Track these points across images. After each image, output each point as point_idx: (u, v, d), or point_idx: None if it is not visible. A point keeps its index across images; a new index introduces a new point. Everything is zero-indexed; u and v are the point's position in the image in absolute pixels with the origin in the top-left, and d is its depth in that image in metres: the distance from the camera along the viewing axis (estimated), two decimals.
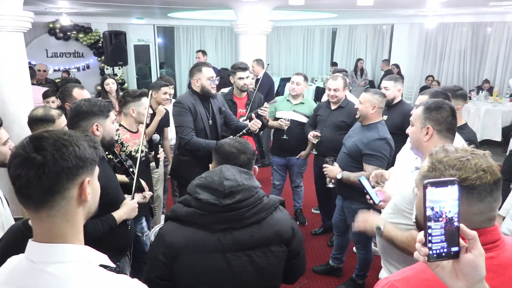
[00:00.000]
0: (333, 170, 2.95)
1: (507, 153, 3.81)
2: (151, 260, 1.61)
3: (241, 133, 3.25)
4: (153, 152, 3.18)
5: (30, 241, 0.93)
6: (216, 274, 1.53)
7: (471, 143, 2.43)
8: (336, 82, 3.60)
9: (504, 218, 2.57)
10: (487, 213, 1.04)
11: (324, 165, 3.02)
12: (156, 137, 3.19)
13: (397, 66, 9.25)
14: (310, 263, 3.70)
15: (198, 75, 3.12)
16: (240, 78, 3.78)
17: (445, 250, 0.86)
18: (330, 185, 3.10)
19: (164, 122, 3.88)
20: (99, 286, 0.90)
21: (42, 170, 0.87)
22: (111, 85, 4.61)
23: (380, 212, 2.10)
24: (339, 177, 2.90)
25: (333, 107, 3.70)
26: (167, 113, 3.89)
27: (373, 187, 2.28)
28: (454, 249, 0.86)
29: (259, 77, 5.38)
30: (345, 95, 3.72)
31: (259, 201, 1.55)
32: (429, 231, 0.85)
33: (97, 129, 2.02)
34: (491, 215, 1.06)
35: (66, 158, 0.89)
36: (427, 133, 1.80)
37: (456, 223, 0.86)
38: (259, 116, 3.54)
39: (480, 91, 8.16)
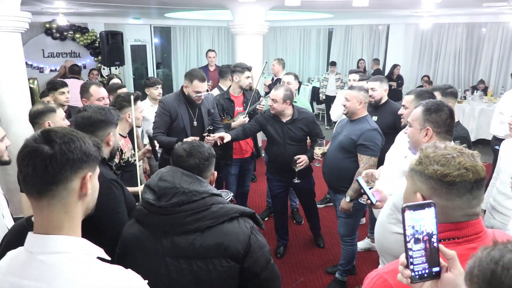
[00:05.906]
0: (343, 203, 2.98)
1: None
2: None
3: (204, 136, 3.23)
4: (150, 147, 3.08)
5: (29, 233, 0.97)
6: (155, 278, 1.46)
7: (463, 139, 2.48)
8: (276, 92, 3.22)
9: (484, 211, 2.64)
10: (465, 209, 1.08)
11: (316, 152, 3.25)
12: (150, 131, 3.17)
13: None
14: (307, 262, 3.75)
15: (189, 84, 3.20)
16: (247, 78, 3.97)
17: (426, 270, 0.89)
18: (316, 164, 3.41)
19: None
20: (94, 276, 0.93)
21: (49, 160, 0.92)
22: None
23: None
24: (347, 200, 2.95)
25: (284, 119, 3.32)
26: None
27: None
28: (435, 269, 0.89)
29: (280, 77, 5.30)
30: (292, 106, 3.34)
31: (205, 208, 1.47)
32: (410, 253, 0.88)
33: (111, 139, 1.94)
34: (469, 212, 1.09)
35: (72, 150, 0.95)
36: (426, 134, 1.83)
37: (435, 244, 0.89)
38: (255, 112, 3.90)
39: (475, 91, 8.22)
